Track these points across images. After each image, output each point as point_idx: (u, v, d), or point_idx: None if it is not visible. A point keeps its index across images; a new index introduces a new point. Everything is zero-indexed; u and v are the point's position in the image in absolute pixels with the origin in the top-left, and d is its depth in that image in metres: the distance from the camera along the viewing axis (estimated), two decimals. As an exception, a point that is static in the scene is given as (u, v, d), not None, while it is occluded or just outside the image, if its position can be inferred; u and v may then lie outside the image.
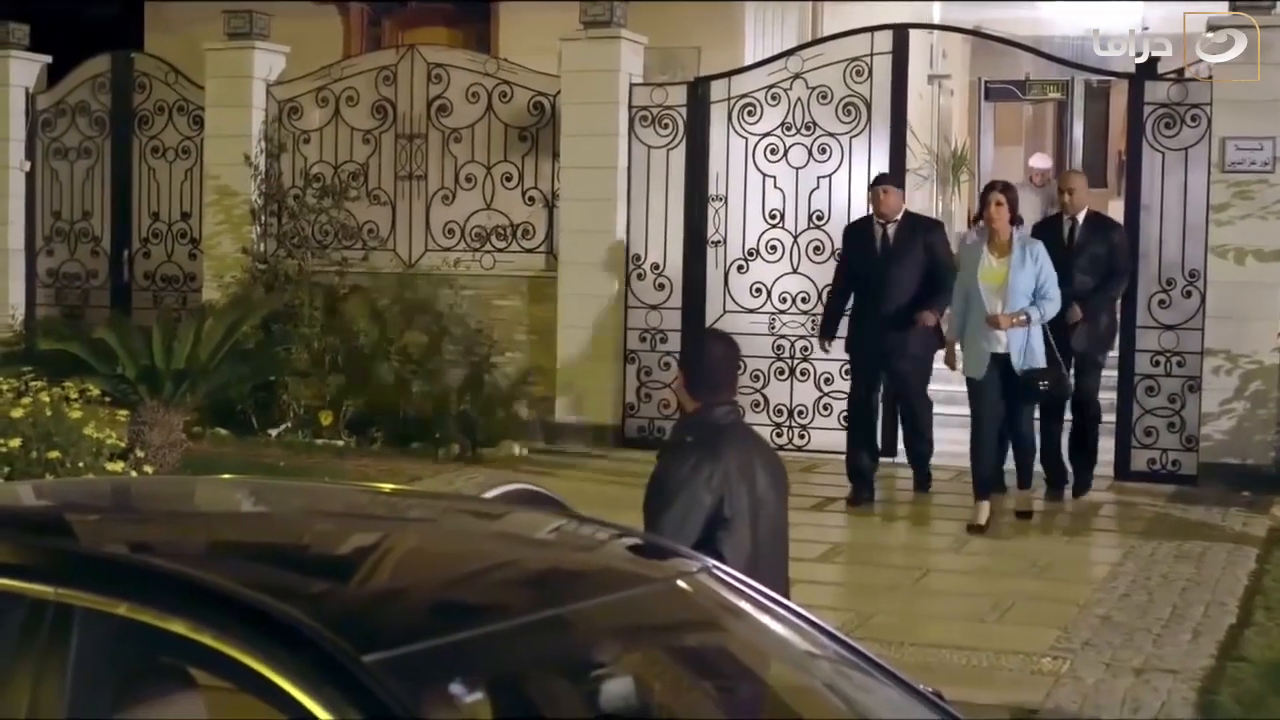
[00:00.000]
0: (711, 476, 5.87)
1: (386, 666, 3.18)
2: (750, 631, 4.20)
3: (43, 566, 3.66)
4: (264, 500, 4.84)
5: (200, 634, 3.31)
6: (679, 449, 6.03)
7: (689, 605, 4.17)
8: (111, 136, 16.50)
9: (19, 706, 3.38)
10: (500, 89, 14.94)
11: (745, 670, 4.22)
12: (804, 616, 4.22)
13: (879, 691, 4.07)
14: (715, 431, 6.03)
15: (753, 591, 4.28)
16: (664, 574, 4.24)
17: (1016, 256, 11.01)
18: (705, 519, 5.80)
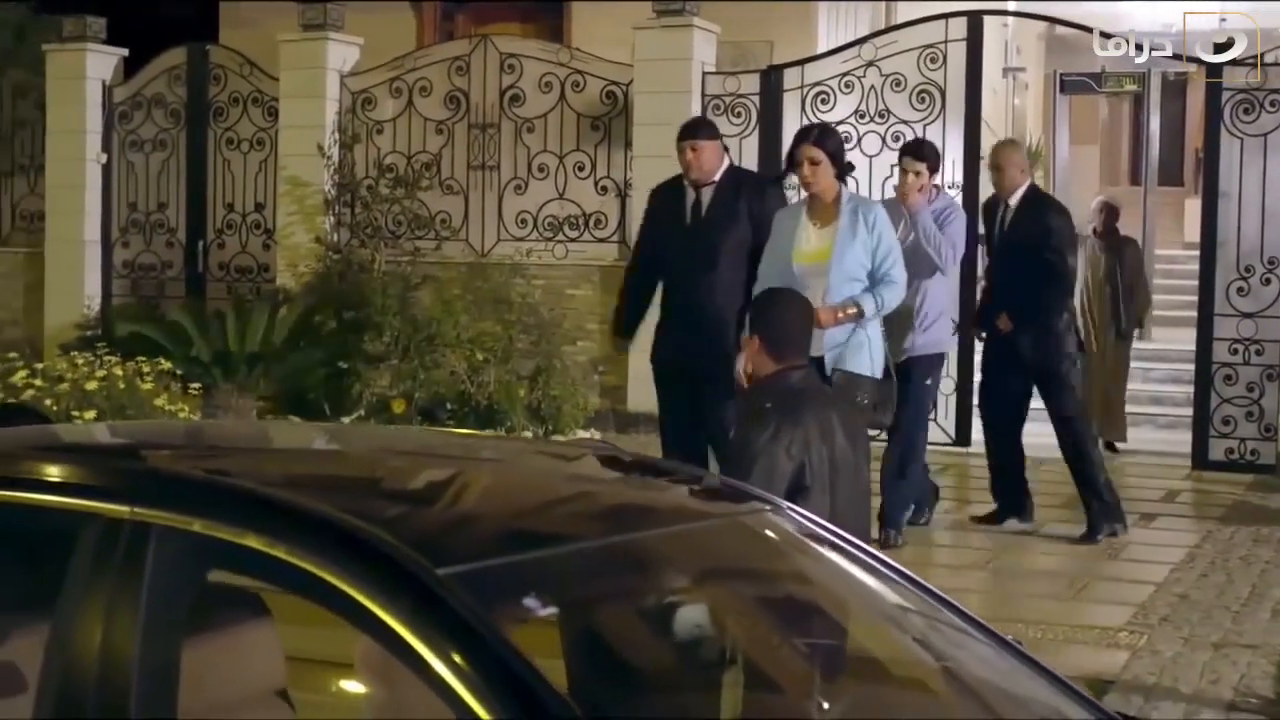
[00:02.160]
0: (792, 443, 5.81)
1: (460, 579, 3.17)
2: (822, 569, 4.17)
3: (118, 486, 3.66)
4: (340, 438, 4.85)
5: (274, 549, 3.30)
6: (758, 415, 5.95)
7: (756, 540, 4.13)
8: (187, 128, 16.59)
9: (94, 626, 3.38)
10: (573, 79, 14.95)
11: (815, 606, 4.18)
12: (889, 564, 4.17)
13: (968, 643, 4.03)
14: (794, 396, 5.97)
15: (832, 535, 4.24)
16: (732, 511, 4.23)
17: (845, 225, 8.30)
18: (786, 487, 5.74)
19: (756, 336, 6.08)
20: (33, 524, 3.75)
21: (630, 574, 3.74)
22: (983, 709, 3.86)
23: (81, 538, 3.47)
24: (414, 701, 4.06)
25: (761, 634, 4.02)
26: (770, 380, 5.99)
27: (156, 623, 3.36)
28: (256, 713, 3.93)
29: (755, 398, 6.10)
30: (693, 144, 9.21)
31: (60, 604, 3.44)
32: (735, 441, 5.96)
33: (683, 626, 3.73)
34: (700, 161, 9.16)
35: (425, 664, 3.07)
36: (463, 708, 3.00)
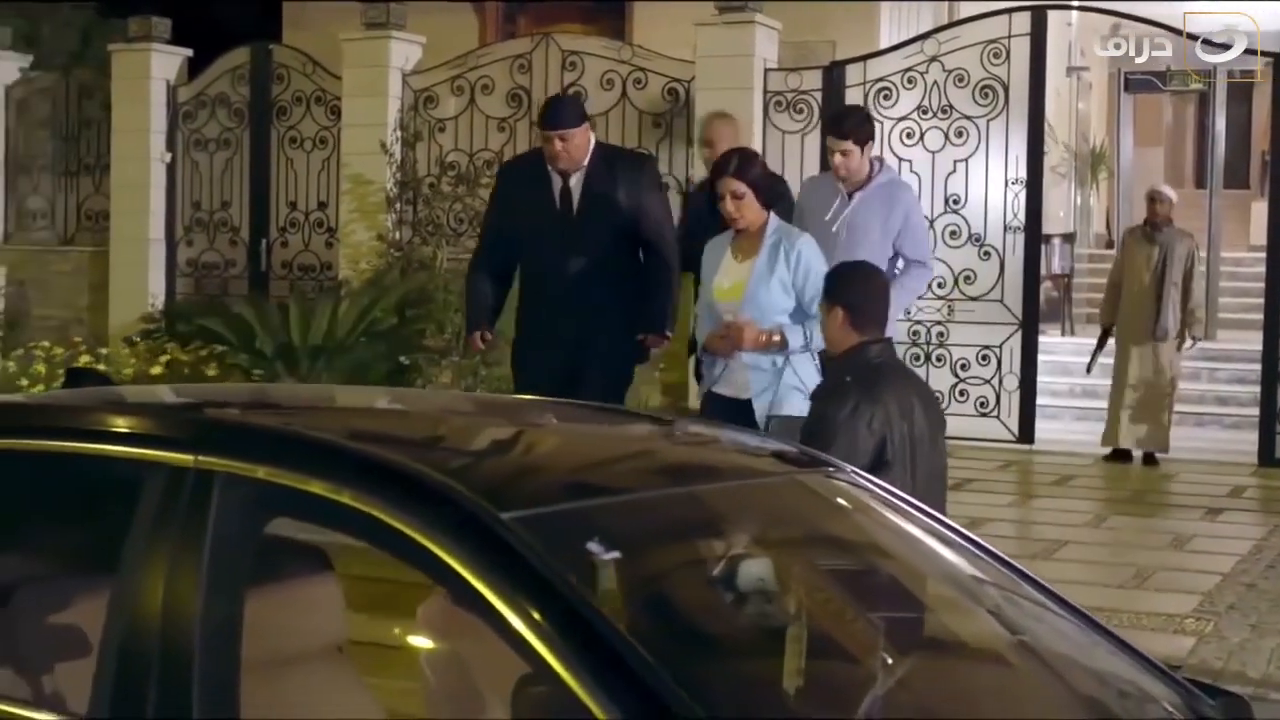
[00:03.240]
0: (873, 419, 5.76)
1: (523, 523, 3.17)
2: (891, 534, 4.14)
3: (182, 436, 3.67)
4: (406, 399, 4.85)
5: (338, 494, 3.31)
6: (838, 390, 5.89)
7: (816, 500, 4.12)
8: (250, 127, 16.65)
9: (158, 574, 3.38)
10: (634, 76, 14.94)
11: (878, 568, 4.15)
12: (966, 536, 4.13)
13: (1045, 616, 3.99)
14: (873, 371, 5.93)
15: (906, 504, 4.21)
16: (791, 471, 4.21)
17: (763, 260, 7.36)
18: (868, 463, 5.68)
19: (839, 308, 5.99)
20: (99, 474, 3.76)
21: (688, 524, 3.74)
22: (1059, 681, 3.82)
23: (146, 487, 3.49)
24: (473, 662, 4.08)
25: (822, 591, 3.99)
26: (850, 354, 5.93)
27: (220, 570, 3.37)
28: (316, 667, 3.94)
29: (835, 371, 6.04)
30: (560, 134, 8.16)
31: (125, 553, 3.46)
32: (814, 415, 5.89)
33: (745, 579, 3.71)
34: (570, 151, 8.16)
35: (490, 608, 3.07)
36: (528, 650, 3.00)
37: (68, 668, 3.70)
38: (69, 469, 3.81)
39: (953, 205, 13.95)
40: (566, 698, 2.92)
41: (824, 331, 6.23)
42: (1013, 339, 13.80)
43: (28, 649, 3.88)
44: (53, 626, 3.89)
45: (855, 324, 5.93)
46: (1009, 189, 13.84)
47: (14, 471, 3.91)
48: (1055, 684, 3.79)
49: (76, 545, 4.04)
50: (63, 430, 3.86)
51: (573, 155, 8.16)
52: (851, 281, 6.17)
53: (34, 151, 17.88)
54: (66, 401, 4.26)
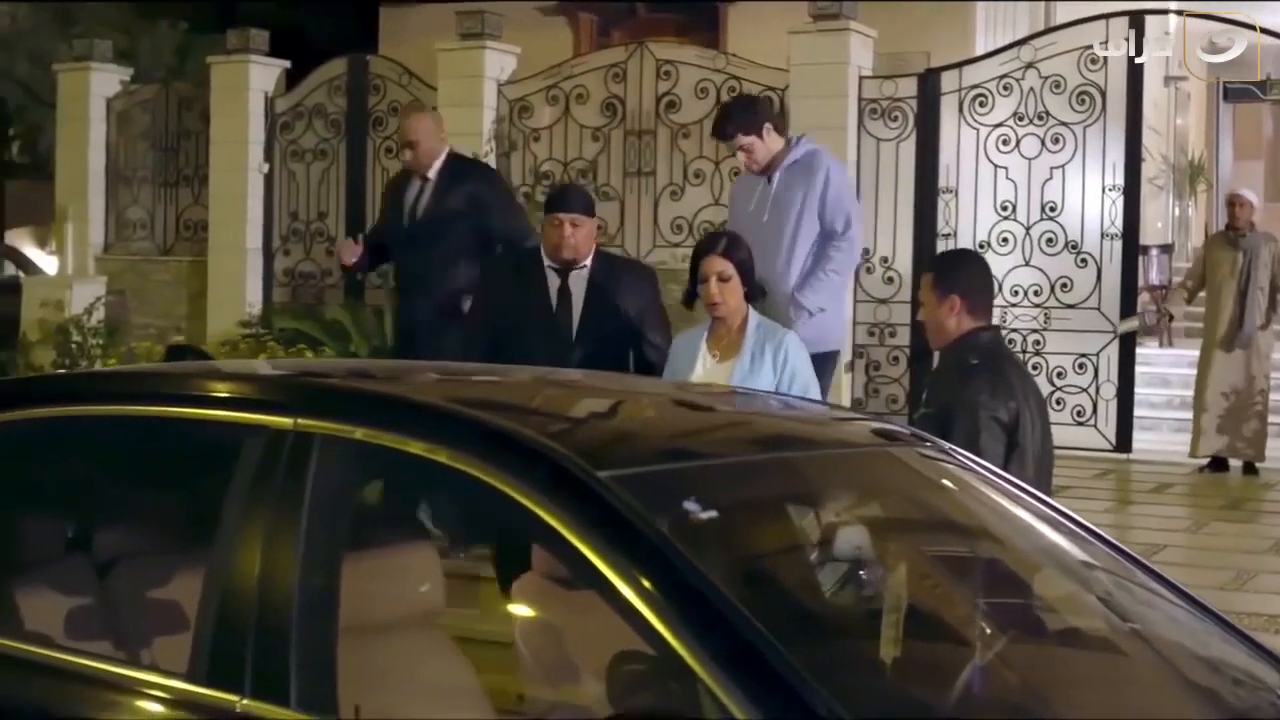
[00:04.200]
0: (1009, 399, 5.70)
1: (619, 481, 3.16)
2: (988, 510, 4.10)
3: (282, 399, 3.70)
4: (503, 374, 4.85)
5: (435, 454, 3.32)
6: (967, 374, 5.77)
7: (916, 474, 4.08)
8: (346, 138, 16.76)
9: (257, 536, 3.40)
10: (729, 84, 14.91)
11: (977, 542, 4.11)
12: (1077, 521, 4.08)
13: (1157, 603, 3.94)
14: (995, 354, 5.89)
15: (995, 476, 4.18)
16: (887, 443, 4.19)
17: (745, 362, 6.81)
18: (1003, 446, 5.60)
19: (955, 297, 5.89)
20: (201, 439, 3.79)
21: (783, 490, 3.73)
22: (1171, 669, 3.76)
23: (246, 450, 3.51)
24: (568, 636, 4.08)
25: (921, 564, 3.96)
26: (964, 340, 5.85)
27: (318, 532, 3.39)
28: (412, 635, 3.95)
29: (954, 357, 5.93)
30: (573, 219, 7.59)
31: (224, 515, 3.48)
32: (946, 402, 5.77)
33: (843, 547, 3.69)
34: (577, 241, 7.59)
35: (587, 565, 3.06)
36: (624, 605, 2.99)
37: (168, 627, 3.74)
38: (171, 434, 3.85)
39: (1049, 212, 13.84)
40: (668, 660, 2.90)
41: (930, 322, 6.12)
42: (1110, 347, 13.67)
43: (129, 609, 3.92)
44: (153, 587, 3.94)
45: (970, 310, 5.87)
46: (1106, 196, 13.72)
47: (118, 436, 3.95)
48: (1168, 671, 3.74)
49: (177, 508, 4.08)
50: (165, 396, 3.90)
51: (579, 247, 7.53)
52: (962, 268, 6.14)
53: (134, 163, 18.07)
54: (169, 370, 4.30)
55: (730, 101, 9.52)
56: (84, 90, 18.07)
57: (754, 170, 8.14)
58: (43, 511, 4.36)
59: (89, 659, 3.69)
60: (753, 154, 7.93)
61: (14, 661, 3.67)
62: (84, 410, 3.96)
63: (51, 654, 3.69)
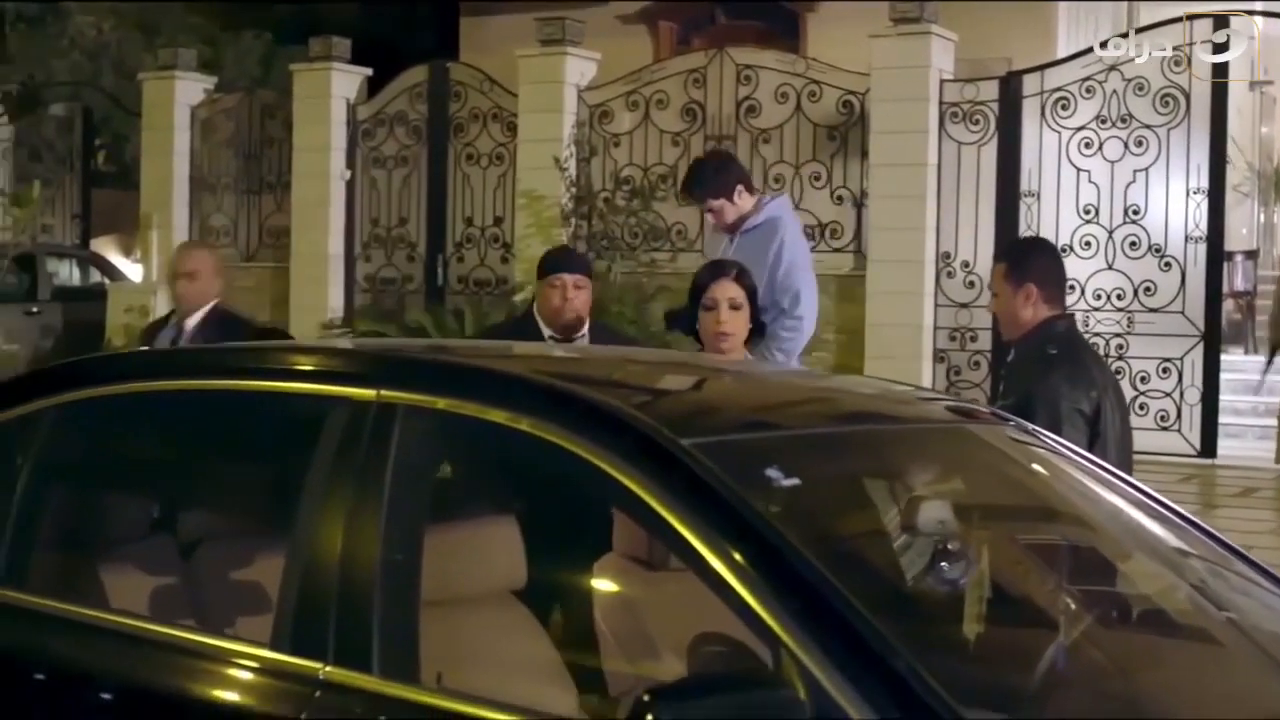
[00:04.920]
0: (1090, 389, 5.63)
1: (703, 449, 3.15)
2: (1069, 487, 4.07)
3: (365, 371, 3.72)
4: (586, 351, 4.87)
5: (518, 422, 3.32)
6: (1047, 363, 5.68)
7: (989, 449, 4.05)
8: (428, 145, 16.85)
9: (340, 507, 3.41)
10: (809, 89, 14.90)
11: (1053, 519, 4.07)
12: (1170, 507, 4.04)
13: (1254, 591, 3.88)
14: (1072, 344, 5.82)
15: (1085, 460, 4.14)
16: (973, 421, 4.16)
17: None
18: (1086, 435, 5.54)
19: (1030, 285, 5.80)
20: (285, 412, 3.81)
21: (865, 462, 3.72)
22: (1264, 655, 3.69)
23: (329, 422, 3.52)
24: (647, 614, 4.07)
25: (1005, 540, 3.93)
26: (1040, 330, 5.76)
27: (401, 502, 3.40)
28: (493, 610, 3.95)
29: (1030, 348, 5.83)
30: (578, 280, 6.97)
31: (307, 486, 3.49)
32: (1026, 392, 5.68)
33: (926, 521, 3.66)
34: (580, 304, 6.92)
35: (670, 531, 3.06)
36: (704, 567, 2.98)
37: (251, 597, 3.76)
38: (256, 407, 3.87)
39: (1132, 215, 13.74)
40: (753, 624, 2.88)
41: (1005, 313, 6.03)
42: (1194, 351, 13.54)
43: (213, 578, 3.95)
44: (237, 558, 3.96)
45: (1046, 299, 5.80)
46: (1190, 199, 13.60)
47: (203, 410, 3.98)
48: (1265, 660, 3.67)
49: (261, 481, 4.11)
50: (250, 370, 3.92)
51: (581, 311, 6.91)
52: (1036, 256, 6.06)
53: (218, 170, 18.23)
54: (253, 345, 4.33)
55: (703, 161, 9.05)
56: (169, 98, 18.25)
57: (721, 229, 7.91)
58: (128, 486, 4.40)
59: (173, 628, 3.72)
60: (721, 216, 7.64)
61: (101, 631, 3.70)
62: (169, 385, 3.99)
63: (137, 624, 3.72)
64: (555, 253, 7.53)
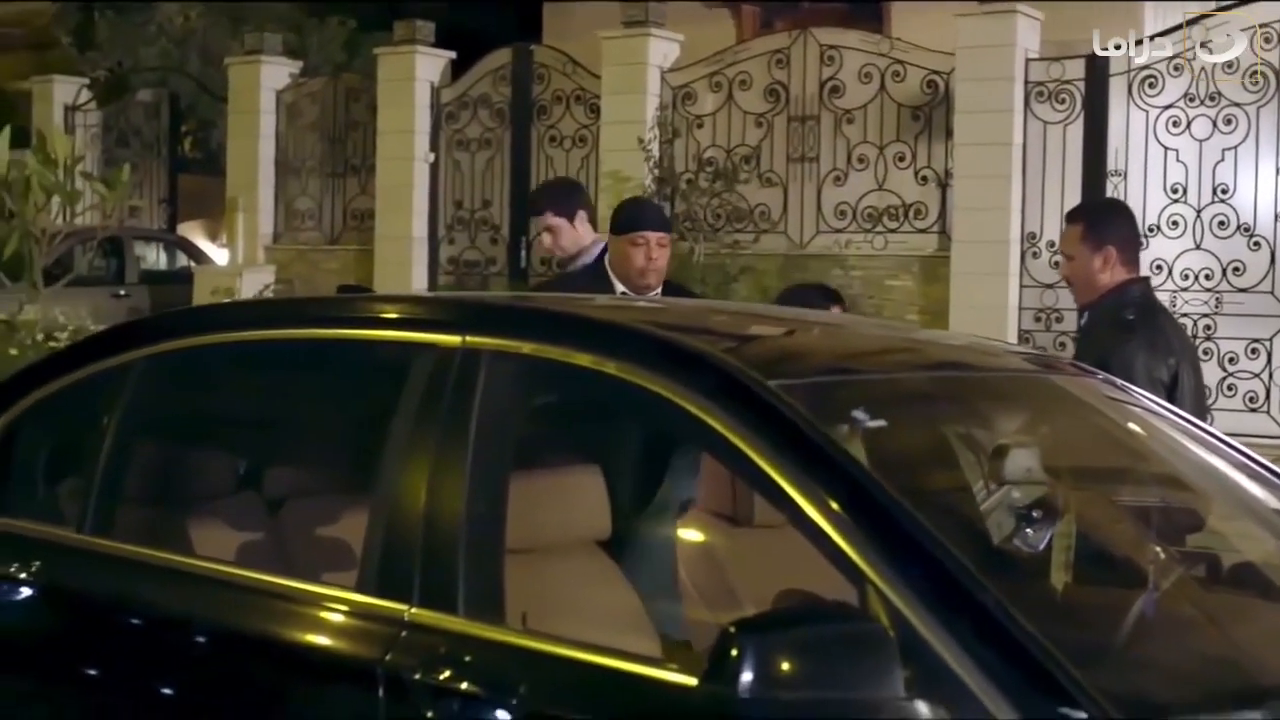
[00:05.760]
0: (1168, 356, 5.56)
1: (789, 390, 3.14)
2: (1159, 440, 4.03)
3: (450, 318, 3.73)
4: (672, 303, 4.86)
5: (604, 366, 3.32)
6: (1123, 329, 5.59)
7: (1077, 400, 4.02)
8: (511, 127, 16.89)
9: (425, 454, 3.42)
10: (893, 69, 14.84)
11: (1143, 470, 4.03)
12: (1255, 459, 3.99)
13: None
14: (1148, 308, 5.74)
15: (1176, 415, 4.10)
16: (1061, 372, 4.13)
17: None
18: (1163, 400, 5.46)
19: (1110, 247, 5.72)
20: (370, 359, 3.83)
21: (952, 408, 3.70)
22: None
23: (415, 369, 3.53)
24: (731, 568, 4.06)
25: (1093, 492, 3.90)
26: (1119, 292, 5.68)
27: (486, 446, 3.40)
28: (577, 559, 3.95)
29: (1110, 310, 5.75)
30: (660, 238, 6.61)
31: (393, 432, 3.50)
32: (1101, 359, 5.61)
33: (1013, 469, 3.63)
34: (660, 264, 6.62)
35: (756, 473, 3.04)
36: (794, 509, 2.97)
37: (337, 542, 3.78)
38: (342, 355, 3.89)
39: (1220, 195, 13.57)
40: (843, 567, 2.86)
41: (1081, 277, 5.91)
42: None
43: (301, 529, 3.98)
44: (323, 507, 3.99)
45: (1124, 263, 5.73)
46: None
47: (288, 359, 4.01)
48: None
49: (347, 428, 4.13)
50: (335, 320, 3.94)
51: (663, 272, 6.63)
52: (1115, 218, 5.99)
53: (303, 154, 18.35)
54: (340, 296, 4.35)
55: (554, 179, 8.75)
56: (254, 83, 18.39)
57: (555, 253, 7.45)
58: (214, 436, 4.44)
59: (260, 573, 3.74)
60: (558, 237, 7.09)
61: (191, 577, 3.73)
62: (256, 335, 4.01)
63: (226, 569, 3.75)
64: (634, 206, 7.24)
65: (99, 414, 4.10)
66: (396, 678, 3.15)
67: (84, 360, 4.30)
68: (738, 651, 2.62)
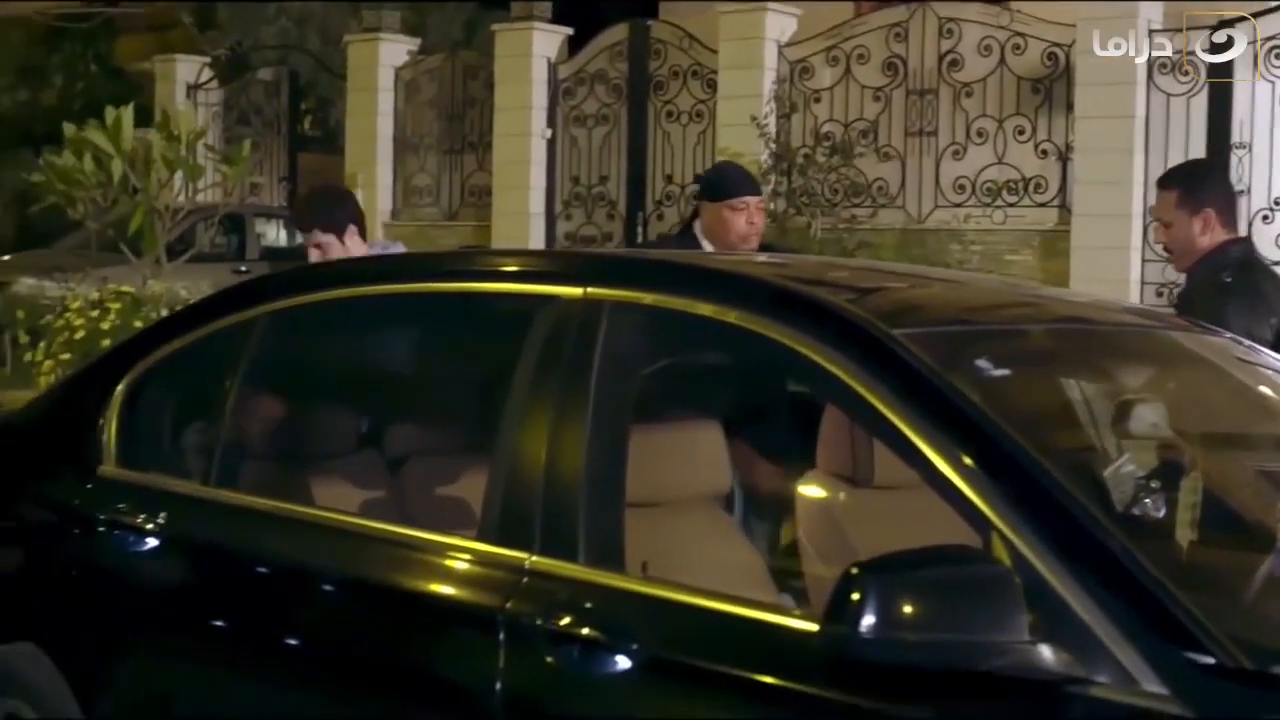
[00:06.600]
0: (1269, 315, 5.45)
1: (914, 339, 3.11)
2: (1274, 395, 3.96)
3: (571, 270, 3.73)
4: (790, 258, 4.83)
5: (725, 315, 3.30)
6: (1223, 291, 5.50)
7: (1203, 357, 3.96)
8: (628, 103, 16.92)
9: (546, 405, 3.42)
10: (1013, 41, 14.71)
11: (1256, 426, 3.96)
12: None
13: None
14: (1248, 268, 5.65)
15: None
16: (1172, 329, 4.07)
17: None
18: None
19: (1209, 209, 5.65)
20: (492, 311, 3.84)
21: (1078, 361, 3.66)
22: None
23: (536, 321, 3.53)
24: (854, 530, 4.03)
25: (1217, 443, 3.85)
26: (1218, 254, 5.58)
27: (607, 397, 3.39)
28: (696, 515, 3.95)
29: (1209, 272, 5.67)
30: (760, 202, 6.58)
31: (515, 383, 3.50)
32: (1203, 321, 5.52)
33: (1139, 423, 3.59)
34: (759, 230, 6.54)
35: (880, 421, 3.02)
36: (915, 454, 2.94)
37: (458, 492, 3.80)
38: (464, 308, 3.91)
39: (1352, 167, 13.37)
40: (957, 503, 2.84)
41: (1180, 242, 5.78)
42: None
43: (421, 483, 4.00)
44: (445, 459, 4.01)
45: (1223, 224, 5.62)
46: None
47: (411, 312, 4.03)
48: None
49: (469, 380, 4.15)
50: (457, 273, 3.96)
51: (759, 237, 6.54)
52: (1210, 179, 5.86)
53: (421, 131, 18.47)
54: (461, 251, 4.37)
55: (318, 190, 8.53)
56: (373, 60, 18.53)
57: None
58: (337, 390, 4.48)
59: (383, 522, 3.77)
60: (327, 253, 6.58)
61: (314, 527, 3.77)
62: (378, 289, 4.04)
63: (348, 519, 3.78)
64: (731, 171, 7.13)
65: (223, 370, 4.15)
66: (517, 624, 3.16)
67: (208, 317, 4.35)
68: (860, 593, 2.60)
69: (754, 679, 2.91)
